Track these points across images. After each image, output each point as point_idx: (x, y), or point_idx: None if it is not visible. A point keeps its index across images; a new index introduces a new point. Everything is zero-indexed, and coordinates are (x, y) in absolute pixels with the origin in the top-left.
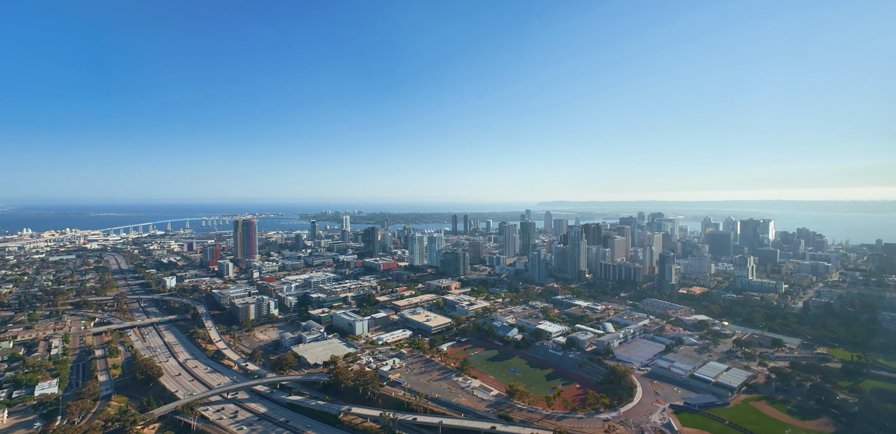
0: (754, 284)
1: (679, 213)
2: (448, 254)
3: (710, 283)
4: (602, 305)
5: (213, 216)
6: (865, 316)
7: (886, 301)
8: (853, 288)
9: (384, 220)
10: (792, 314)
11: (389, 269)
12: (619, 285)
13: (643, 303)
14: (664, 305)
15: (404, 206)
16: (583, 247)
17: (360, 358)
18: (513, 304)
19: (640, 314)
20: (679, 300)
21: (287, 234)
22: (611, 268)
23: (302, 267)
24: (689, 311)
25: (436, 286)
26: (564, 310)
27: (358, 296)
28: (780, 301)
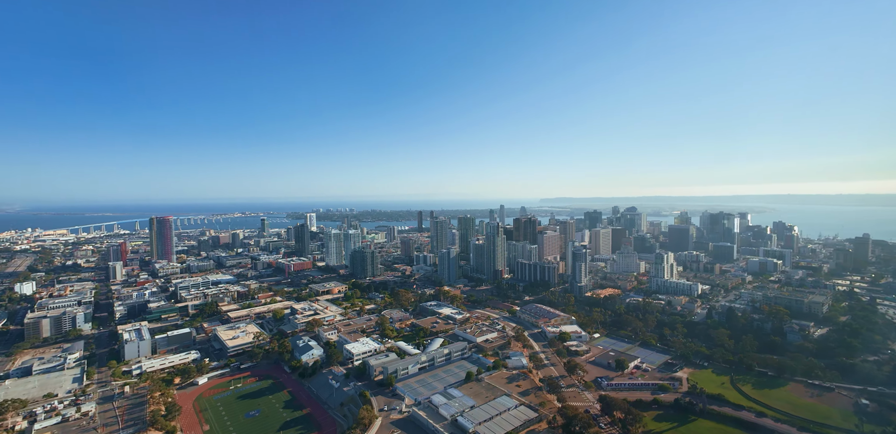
0: (670, 286)
1: (680, 208)
2: (356, 253)
3: (628, 284)
4: (469, 313)
5: (198, 215)
6: (770, 325)
7: (804, 306)
8: (781, 289)
9: (345, 217)
10: (685, 323)
11: (300, 271)
12: (532, 287)
13: (525, 308)
14: (541, 312)
15: (403, 204)
16: (500, 243)
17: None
18: (371, 313)
19: (510, 324)
20: (581, 304)
21: (245, 232)
22: (526, 267)
23: (211, 268)
24: (564, 320)
25: (315, 290)
26: (420, 319)
27: (202, 304)
28: (687, 306)
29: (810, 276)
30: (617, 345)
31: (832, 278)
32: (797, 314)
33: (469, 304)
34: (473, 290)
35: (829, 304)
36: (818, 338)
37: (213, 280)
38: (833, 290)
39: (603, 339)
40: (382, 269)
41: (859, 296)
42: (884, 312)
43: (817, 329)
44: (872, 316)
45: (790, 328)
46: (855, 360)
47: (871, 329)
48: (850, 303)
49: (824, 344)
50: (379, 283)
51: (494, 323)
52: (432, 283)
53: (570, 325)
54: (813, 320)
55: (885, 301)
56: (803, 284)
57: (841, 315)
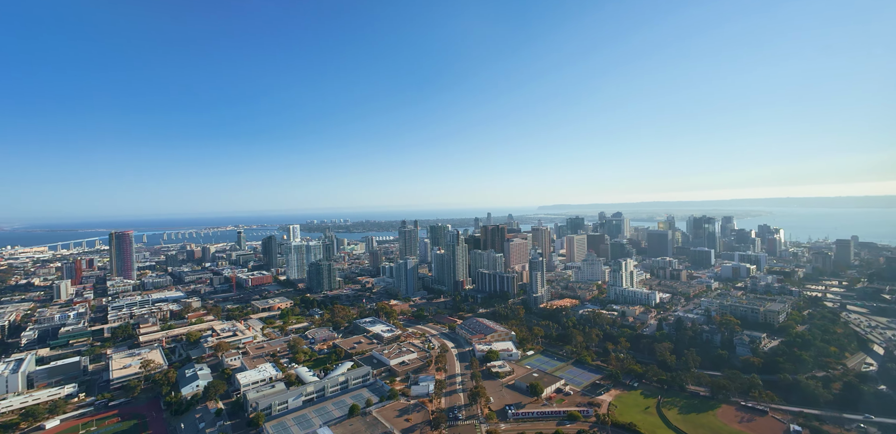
0: (628, 295)
1: (677, 213)
2: (312, 266)
3: (588, 294)
4: (402, 331)
5: (189, 229)
6: (719, 337)
7: (759, 316)
8: (741, 298)
9: (325, 229)
10: (632, 337)
11: (259, 285)
12: (490, 298)
13: (466, 323)
14: (479, 328)
15: (397, 214)
16: (460, 253)
17: None
18: (298, 331)
19: (446, 342)
20: (534, 316)
21: (218, 246)
22: (487, 277)
23: (167, 284)
24: (502, 336)
25: (256, 307)
26: (347, 337)
27: (119, 327)
28: (640, 317)
29: (780, 281)
30: (548, 363)
31: (808, 283)
32: (752, 324)
33: (412, 319)
34: (429, 302)
35: (787, 312)
36: (769, 351)
37: (155, 298)
38: (798, 297)
39: (536, 357)
40: (342, 282)
41: (826, 302)
42: (848, 320)
43: (770, 341)
44: (832, 325)
45: (740, 340)
46: (802, 376)
47: (828, 340)
48: (813, 310)
49: (772, 358)
50: (331, 298)
51: (427, 341)
52: (389, 296)
53: (505, 341)
54: (768, 330)
55: (856, 307)
56: (769, 291)
57: (799, 324)
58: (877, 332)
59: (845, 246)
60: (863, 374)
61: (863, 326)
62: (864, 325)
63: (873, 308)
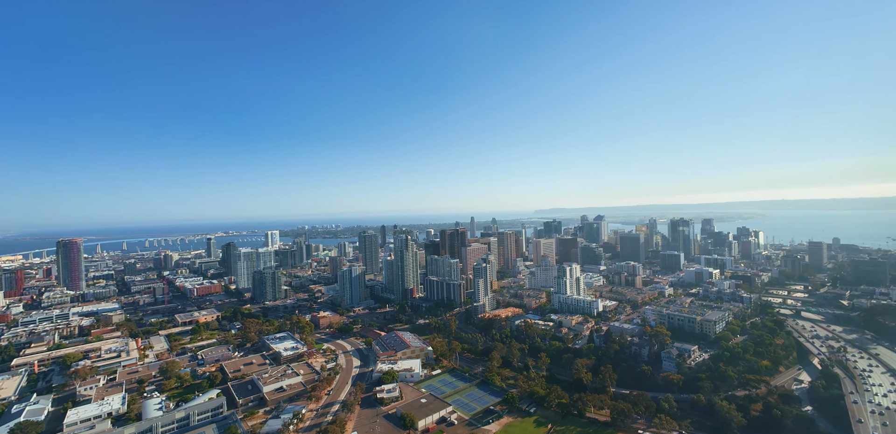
0: (571, 303)
1: (671, 216)
2: (256, 274)
3: (534, 302)
4: (309, 348)
5: (176, 236)
6: (647, 351)
7: (696, 326)
8: (683, 306)
9: (303, 235)
10: (556, 351)
11: (205, 295)
12: (434, 308)
13: (384, 338)
14: (395, 343)
15: (391, 219)
16: (409, 259)
17: None
18: (200, 349)
19: (354, 361)
20: (470, 327)
21: (199, 252)
22: (434, 285)
23: (110, 295)
24: (414, 352)
25: (176, 321)
26: (247, 356)
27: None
28: (575, 328)
29: (739, 286)
30: (451, 385)
31: (773, 288)
32: (688, 335)
33: (336, 332)
34: (372, 313)
35: (727, 321)
36: (695, 366)
37: (75, 312)
38: (748, 304)
39: (441, 378)
40: (290, 291)
41: (782, 309)
42: (793, 329)
43: (701, 354)
44: (771, 335)
45: (668, 354)
46: (722, 395)
47: (761, 352)
48: (761, 318)
49: (696, 374)
50: (269, 309)
51: (333, 359)
52: (333, 306)
53: (413, 359)
54: (703, 342)
55: (811, 314)
56: (720, 297)
57: (737, 335)
58: (821, 343)
59: (818, 248)
60: (787, 393)
61: (808, 336)
62: (809, 335)
63: (829, 315)
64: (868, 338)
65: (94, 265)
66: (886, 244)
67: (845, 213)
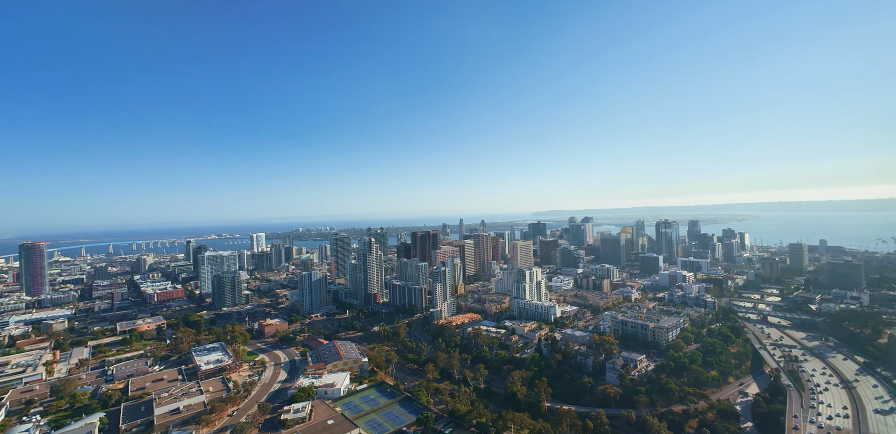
0: (529, 308)
1: (666, 218)
2: (215, 279)
3: (494, 308)
4: (233, 359)
5: (167, 238)
6: (591, 361)
7: (648, 333)
8: (651, 310)
9: (286, 237)
10: (497, 361)
11: (165, 301)
12: (393, 314)
13: (321, 349)
14: (327, 353)
15: (385, 221)
16: (373, 262)
17: None
18: (119, 362)
19: (282, 374)
20: (424, 335)
21: (174, 256)
22: (397, 289)
23: (70, 300)
24: (347, 364)
25: (113, 330)
26: (170, 369)
27: None
28: (527, 336)
29: (709, 290)
30: (373, 402)
31: (746, 291)
32: (641, 343)
33: (278, 341)
34: (330, 319)
35: (682, 328)
36: (639, 377)
37: (18, 319)
38: (711, 309)
39: (364, 394)
40: (251, 295)
41: (749, 314)
42: (751, 337)
43: (650, 364)
44: (724, 344)
45: (612, 365)
46: (659, 410)
47: (711, 362)
48: (722, 324)
49: (636, 387)
50: (223, 315)
51: (258, 373)
52: (292, 312)
53: (341, 372)
54: (654, 350)
55: (778, 319)
56: (685, 302)
57: (691, 343)
58: (780, 351)
59: (799, 250)
60: (726, 409)
61: (768, 343)
62: (769, 342)
63: (796, 321)
64: (830, 345)
65: (71, 269)
66: (875, 246)
67: (842, 215)
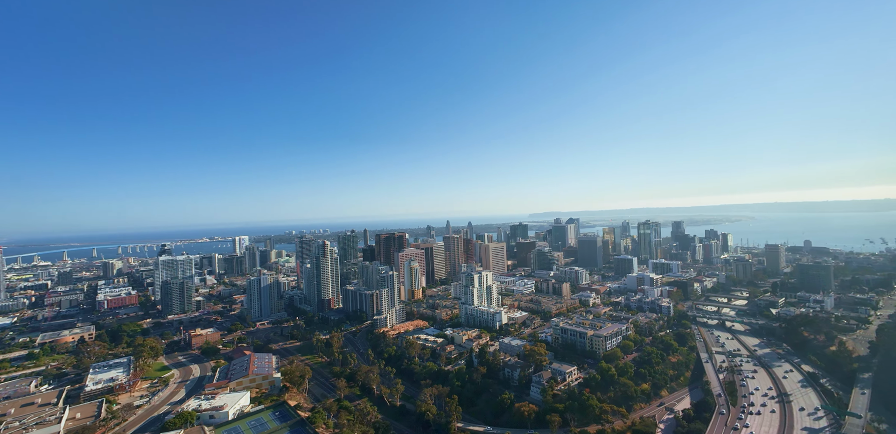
0: (476, 315)
1: (663, 219)
2: (164, 285)
3: (444, 314)
4: (131, 377)
5: (150, 242)
6: (518, 374)
7: (586, 342)
8: (599, 317)
9: (267, 240)
10: (421, 374)
11: (116, 307)
12: (346, 320)
13: (237, 361)
14: (239, 368)
15: (381, 224)
16: (327, 266)
17: None
18: (11, 379)
19: (181, 393)
20: (365, 345)
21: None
22: (350, 295)
23: (21, 308)
24: (254, 381)
25: (32, 342)
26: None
27: None
28: (465, 346)
29: (672, 293)
30: (260, 427)
31: (715, 294)
32: (579, 353)
33: (201, 354)
34: (276, 327)
35: (624, 335)
36: (563, 392)
37: None
38: (666, 314)
39: (257, 417)
40: (203, 302)
41: (707, 319)
42: (707, 343)
43: (581, 376)
44: (665, 353)
45: (538, 378)
46: (574, 431)
47: (644, 374)
48: (670, 331)
49: (553, 405)
50: (164, 324)
51: (156, 392)
52: (240, 319)
53: (241, 391)
54: (590, 360)
55: (737, 324)
56: (641, 307)
57: (631, 351)
58: (727, 360)
59: (775, 252)
60: (645, 430)
61: (717, 351)
62: (719, 350)
63: (755, 326)
64: (780, 353)
65: (39, 274)
66: (862, 247)
67: (838, 216)
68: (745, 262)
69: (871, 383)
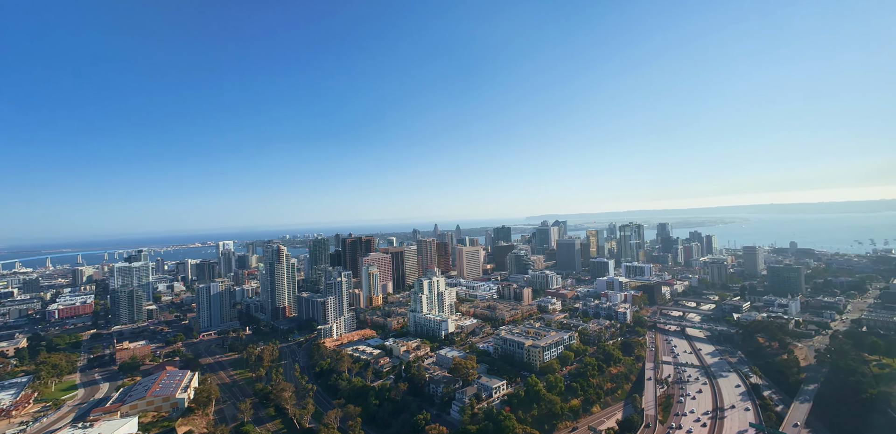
0: (423, 323)
1: (658, 221)
2: (113, 293)
3: (395, 323)
4: (19, 399)
5: (137, 247)
6: (441, 390)
7: (524, 353)
8: (556, 322)
9: (250, 245)
10: (353, 391)
11: (67, 317)
12: (296, 329)
13: (144, 380)
14: (141, 388)
15: (377, 227)
16: (282, 273)
17: None
18: None
19: (66, 419)
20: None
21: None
22: (303, 302)
23: None
24: (153, 403)
25: None
26: None
27: None
28: (402, 357)
29: (637, 298)
30: None
31: (686, 298)
32: (517, 365)
33: (118, 370)
34: (223, 338)
35: (565, 345)
36: (484, 412)
37: None
38: (622, 320)
39: None
40: (156, 311)
41: (667, 325)
42: (651, 354)
43: (507, 389)
44: (602, 365)
45: (461, 395)
46: None
47: (576, 389)
48: (622, 339)
49: (466, 427)
50: (105, 336)
51: (37, 420)
52: (185, 330)
53: (129, 417)
54: (526, 372)
55: (697, 331)
56: (598, 313)
57: (570, 363)
58: (676, 371)
59: (752, 253)
60: None
61: (663, 361)
62: (667, 360)
63: (715, 332)
64: (733, 361)
65: (10, 281)
66: (850, 248)
67: (833, 217)
68: (720, 265)
69: (814, 396)
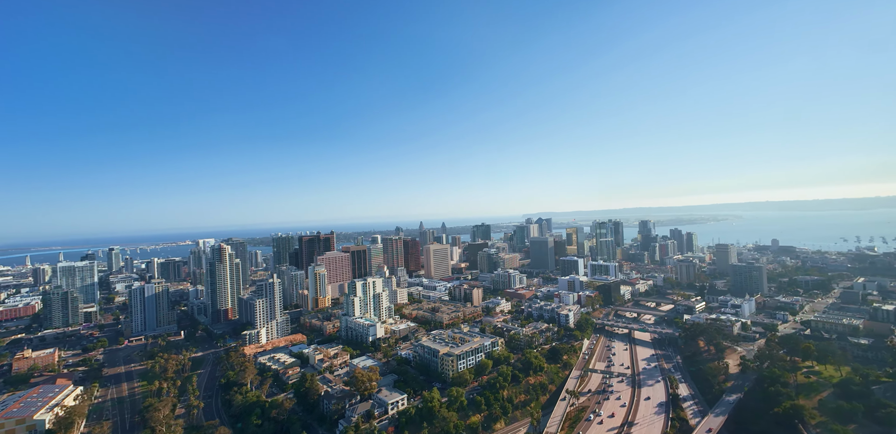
0: (354, 328)
1: (653, 219)
2: (45, 295)
3: (330, 327)
4: None
5: (135, 245)
6: (332, 405)
7: (438, 362)
8: (491, 326)
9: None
10: (246, 407)
11: (4, 321)
12: (224, 335)
13: (22, 394)
14: (44, 396)
15: (374, 225)
16: (224, 273)
17: None
18: None
19: None
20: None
21: None
22: (244, 305)
23: None
24: (6, 425)
25: None
26: None
27: None
28: (316, 367)
29: (592, 298)
30: None
31: (647, 298)
32: (432, 375)
33: (3, 383)
34: (153, 343)
35: (487, 352)
36: (367, 431)
37: None
38: (563, 323)
39: None
40: (96, 314)
41: (615, 328)
42: (582, 360)
43: (406, 404)
44: (522, 374)
45: (352, 411)
46: None
47: (479, 403)
48: (555, 344)
49: None
50: (24, 342)
51: None
52: (119, 335)
53: None
54: (438, 384)
55: (644, 333)
56: (542, 315)
57: (487, 372)
58: (603, 379)
59: (724, 251)
60: None
61: (591, 368)
62: (598, 367)
63: (662, 335)
64: (667, 368)
65: None
66: (834, 245)
67: (826, 214)
68: (689, 264)
69: (731, 407)
